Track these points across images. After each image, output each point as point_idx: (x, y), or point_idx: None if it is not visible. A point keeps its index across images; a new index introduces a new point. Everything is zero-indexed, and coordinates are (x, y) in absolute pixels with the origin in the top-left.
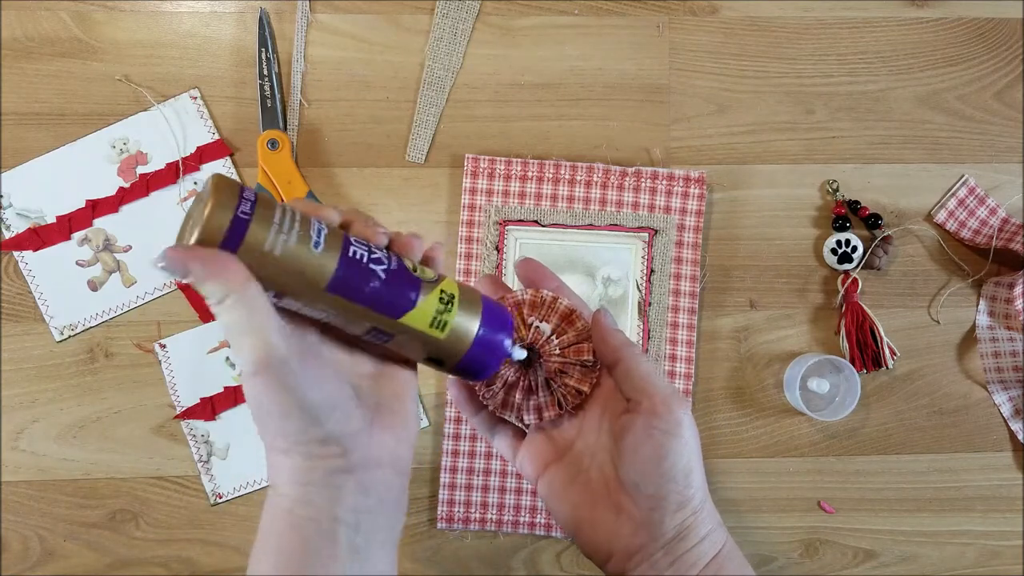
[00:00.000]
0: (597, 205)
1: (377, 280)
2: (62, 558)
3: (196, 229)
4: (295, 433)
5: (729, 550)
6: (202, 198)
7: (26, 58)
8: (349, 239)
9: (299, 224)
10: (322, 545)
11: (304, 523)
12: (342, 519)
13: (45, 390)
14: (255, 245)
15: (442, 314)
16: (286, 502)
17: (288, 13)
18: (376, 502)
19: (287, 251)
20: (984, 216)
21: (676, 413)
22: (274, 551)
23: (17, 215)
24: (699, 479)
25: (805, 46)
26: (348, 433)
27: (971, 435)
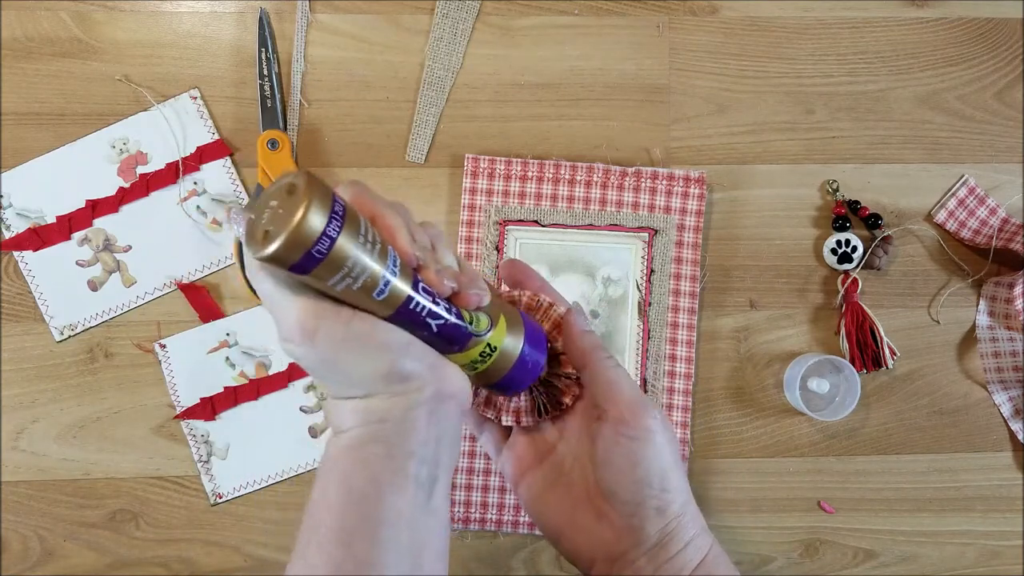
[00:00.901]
0: (597, 205)
1: (428, 331)
2: (62, 558)
3: (281, 236)
4: (376, 373)
5: (715, 556)
6: (283, 192)
7: (26, 58)
8: (415, 289)
9: (375, 259)
10: (392, 479)
11: (374, 459)
12: (416, 452)
13: (45, 390)
14: (322, 277)
15: (477, 364)
16: (355, 442)
17: (288, 13)
18: (442, 434)
19: (349, 293)
20: (984, 216)
21: (643, 420)
22: (340, 484)
23: (17, 215)
24: (677, 483)
25: (805, 46)
26: (426, 367)
27: (971, 435)
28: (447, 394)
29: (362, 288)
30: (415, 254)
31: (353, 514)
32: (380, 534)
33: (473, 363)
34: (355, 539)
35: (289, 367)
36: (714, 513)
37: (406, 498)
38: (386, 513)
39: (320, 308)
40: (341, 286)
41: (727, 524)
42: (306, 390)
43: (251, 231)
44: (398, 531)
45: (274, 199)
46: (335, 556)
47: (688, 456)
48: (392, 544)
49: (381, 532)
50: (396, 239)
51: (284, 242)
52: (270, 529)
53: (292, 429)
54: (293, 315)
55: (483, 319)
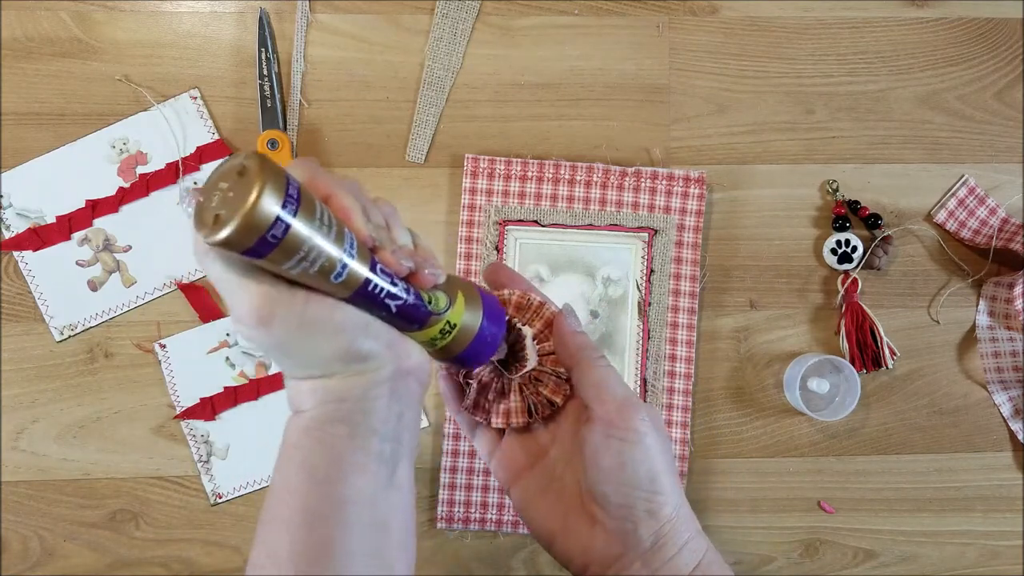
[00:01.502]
0: (597, 205)
1: (387, 311)
2: (62, 558)
3: (233, 221)
4: (334, 355)
5: (710, 560)
6: (233, 174)
7: (26, 58)
8: (372, 271)
9: (331, 242)
10: (354, 458)
11: (335, 439)
12: (377, 430)
13: (45, 390)
14: (277, 261)
15: (437, 340)
16: (315, 423)
17: (288, 13)
18: (403, 410)
19: (305, 276)
20: (984, 216)
21: (631, 420)
22: (301, 466)
23: (17, 215)
24: (668, 485)
25: (805, 46)
26: (384, 345)
27: (971, 435)
28: (406, 370)
29: (319, 271)
30: (371, 235)
31: (316, 496)
32: (344, 515)
33: (432, 340)
34: (318, 521)
35: None
36: (714, 513)
37: (369, 477)
38: (349, 493)
39: (275, 293)
40: (297, 270)
41: (727, 524)
42: None
43: (200, 215)
44: (361, 510)
45: (224, 181)
46: (298, 538)
47: (688, 456)
48: (356, 524)
49: (345, 513)
50: (352, 220)
51: (237, 227)
52: None
53: None
54: (247, 300)
55: (441, 297)
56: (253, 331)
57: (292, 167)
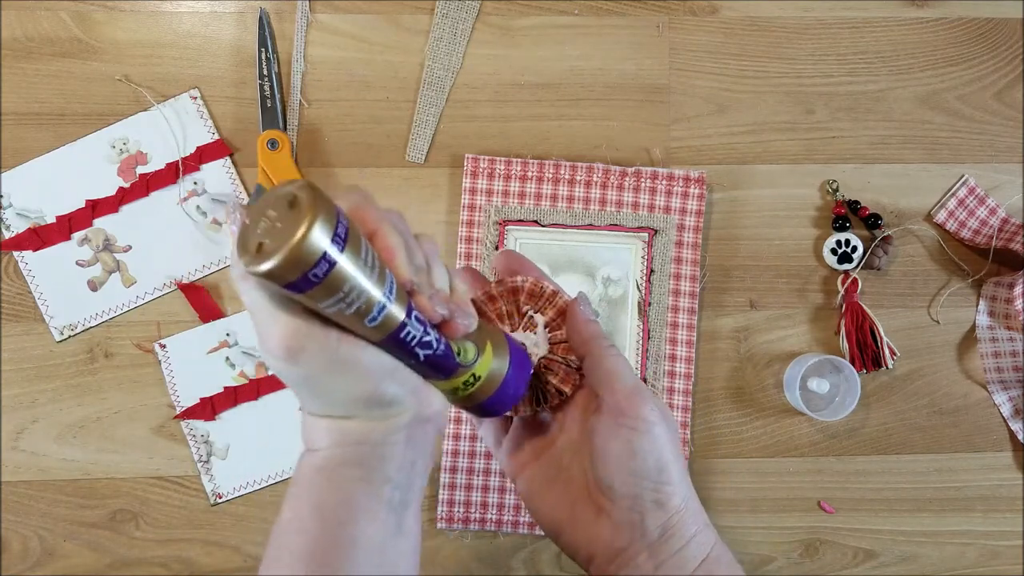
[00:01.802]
0: (597, 205)
1: (415, 360)
2: (62, 558)
3: (278, 254)
4: (359, 397)
5: (719, 553)
6: (283, 203)
7: (26, 58)
8: (408, 316)
9: (372, 284)
10: (367, 504)
11: (349, 483)
12: (392, 478)
13: (45, 390)
14: (315, 298)
15: (460, 391)
16: (330, 463)
17: (288, 13)
18: (417, 457)
19: (340, 315)
20: (984, 216)
21: (640, 409)
22: (313, 507)
23: (17, 215)
24: (676, 476)
25: (805, 46)
26: (408, 392)
27: (971, 435)
28: (426, 417)
29: (355, 313)
30: (411, 278)
31: (325, 538)
32: (352, 559)
33: (455, 390)
34: (326, 564)
35: None
36: (714, 513)
37: (379, 524)
38: (359, 538)
39: (308, 329)
40: (333, 309)
41: (727, 524)
42: None
43: (244, 240)
44: (369, 556)
45: (273, 209)
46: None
47: (688, 456)
48: (364, 569)
49: (353, 557)
50: (395, 262)
51: (281, 261)
52: (270, 529)
53: (292, 429)
54: (278, 331)
55: (470, 349)
56: (280, 363)
57: (340, 198)
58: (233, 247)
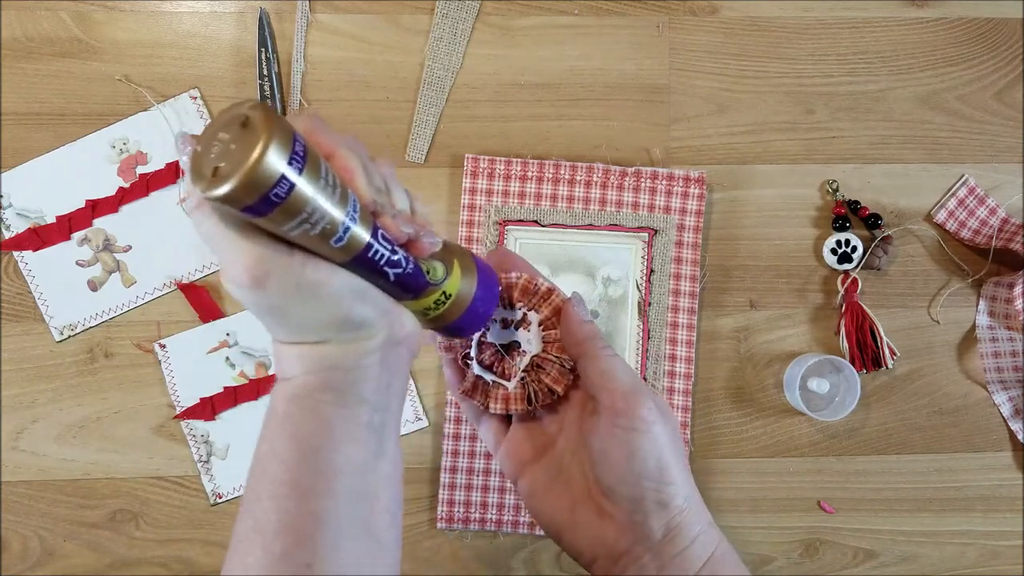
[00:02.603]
0: (597, 205)
1: (385, 279)
2: (62, 558)
3: (235, 175)
4: (329, 321)
5: (724, 552)
6: (235, 125)
7: (26, 58)
8: (373, 236)
9: (335, 204)
10: (344, 428)
11: (324, 407)
12: (368, 400)
13: (45, 390)
14: (277, 221)
15: (430, 311)
16: (304, 390)
17: (288, 13)
18: (392, 379)
19: (305, 237)
20: (984, 216)
21: (638, 409)
22: (290, 436)
23: (17, 215)
24: (678, 475)
25: (805, 46)
26: (379, 313)
27: (971, 435)
28: (398, 339)
29: (320, 234)
30: (373, 198)
31: (305, 467)
32: (334, 486)
33: (426, 310)
34: (308, 492)
35: None
36: (714, 513)
37: (358, 447)
38: (340, 463)
39: (272, 254)
40: (297, 231)
41: (727, 524)
42: None
43: (197, 166)
44: (351, 481)
45: (225, 131)
46: (287, 509)
47: (688, 456)
48: (345, 495)
49: (335, 484)
50: (355, 181)
51: (239, 183)
52: None
53: None
54: (241, 259)
55: (439, 267)
56: (246, 292)
57: (294, 120)
58: (186, 176)
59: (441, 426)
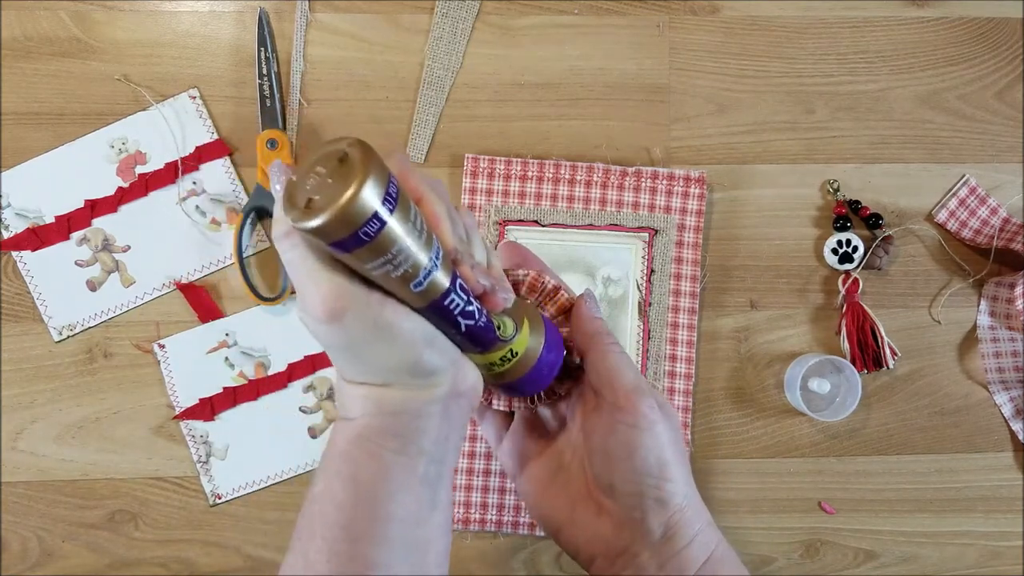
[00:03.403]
0: (597, 205)
1: (457, 330)
2: (61, 559)
3: (329, 209)
4: (400, 364)
5: (723, 552)
6: (333, 160)
7: (25, 58)
8: (452, 284)
9: (420, 247)
10: (403, 477)
11: (385, 454)
12: (427, 451)
13: (44, 390)
14: (362, 259)
15: (495, 366)
16: (366, 433)
17: (287, 12)
18: (451, 431)
19: (386, 278)
20: (985, 216)
21: (640, 406)
22: (348, 478)
23: (16, 215)
24: (678, 474)
25: (805, 45)
26: (448, 362)
27: (972, 435)
28: (461, 391)
29: (401, 276)
30: (456, 246)
31: (361, 511)
32: (387, 533)
33: (491, 365)
34: (362, 537)
35: (288, 367)
36: (714, 514)
37: (414, 497)
38: (395, 512)
39: (352, 291)
40: (380, 271)
41: (727, 525)
42: (305, 390)
43: (291, 196)
44: (405, 530)
45: (322, 165)
46: (340, 553)
47: (688, 456)
48: (399, 544)
49: (388, 531)
50: (441, 227)
51: (331, 217)
52: (269, 529)
53: (291, 429)
54: (320, 292)
55: (509, 323)
56: (320, 326)
57: (388, 159)
58: (279, 203)
59: None
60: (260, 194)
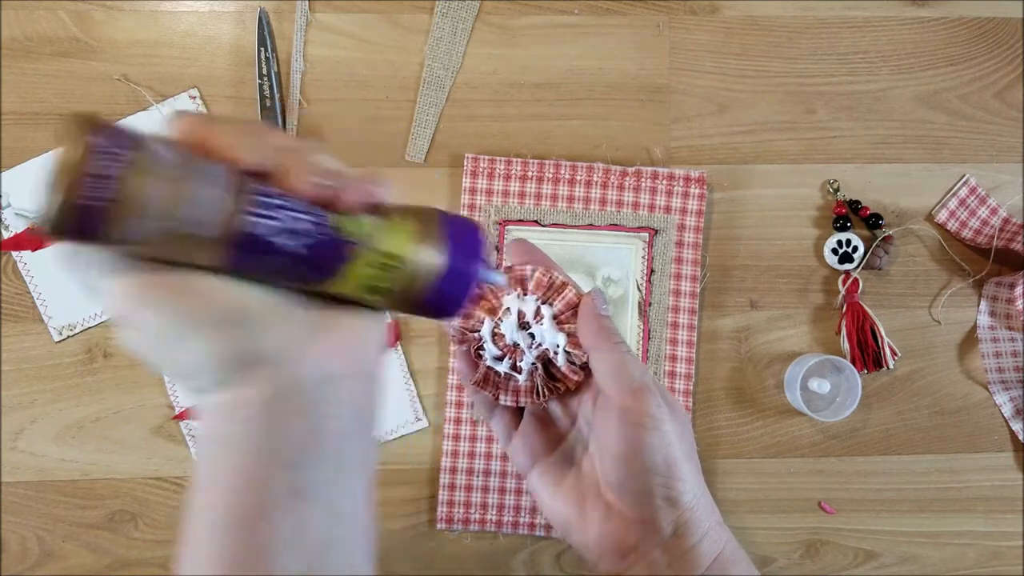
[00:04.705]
0: (597, 205)
1: (290, 259)
2: (61, 559)
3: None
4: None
5: (732, 551)
6: None
7: (25, 58)
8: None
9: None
10: (278, 489)
11: (254, 466)
12: (285, 459)
13: (44, 391)
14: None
15: (381, 284)
16: (225, 443)
17: (287, 12)
18: (337, 420)
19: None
20: (985, 216)
21: (647, 405)
22: (218, 500)
23: (16, 215)
24: (687, 472)
25: (806, 45)
26: (286, 344)
27: (972, 435)
28: (329, 375)
29: (182, 227)
30: (258, 160)
31: (237, 542)
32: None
33: (374, 286)
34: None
35: None
36: None
37: (297, 513)
38: (277, 535)
39: (140, 279)
40: (154, 230)
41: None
42: None
43: None
44: (294, 552)
45: None
46: None
47: None
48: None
49: (273, 557)
50: (227, 149)
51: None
52: None
53: None
54: (115, 292)
55: (364, 221)
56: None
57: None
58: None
59: (441, 426)
60: None
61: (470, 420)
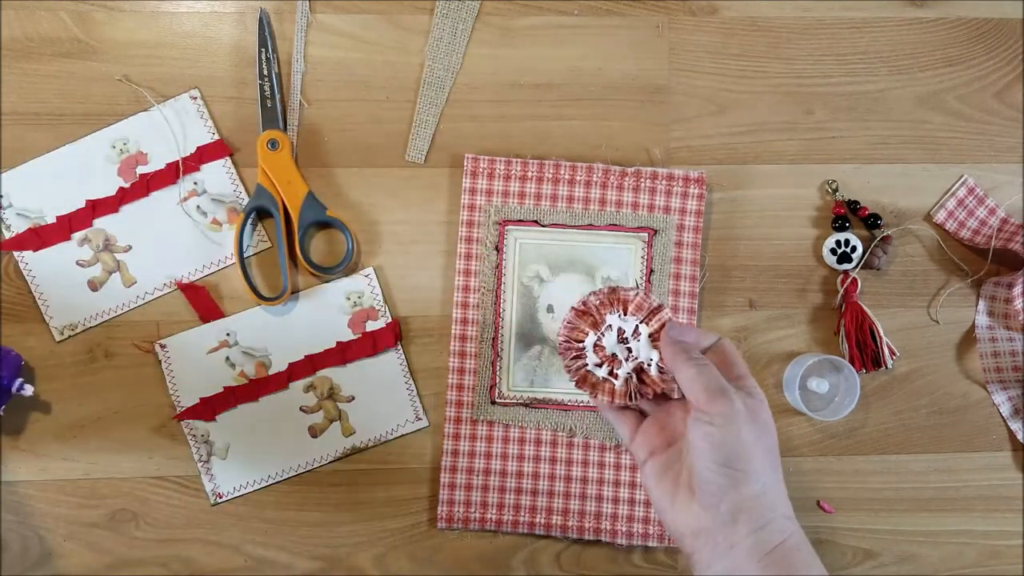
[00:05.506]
0: (597, 205)
1: None
2: (61, 558)
3: None
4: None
5: (797, 543)
6: None
7: (26, 58)
8: None
9: None
10: None
11: None
12: None
13: (45, 390)
14: None
15: None
16: None
17: (288, 13)
18: None
19: None
20: (983, 216)
21: (718, 406)
22: None
23: (17, 215)
24: (755, 465)
25: (805, 46)
26: None
27: (971, 435)
28: None
29: None
30: None
31: None
32: None
33: None
34: None
35: (289, 367)
36: None
37: None
38: None
39: None
40: None
41: None
42: (305, 390)
43: None
44: None
45: None
46: None
47: None
48: None
49: None
50: None
51: None
52: (270, 529)
53: (292, 429)
54: None
55: None
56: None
57: None
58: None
59: (441, 426)
60: (261, 194)
61: (470, 420)
